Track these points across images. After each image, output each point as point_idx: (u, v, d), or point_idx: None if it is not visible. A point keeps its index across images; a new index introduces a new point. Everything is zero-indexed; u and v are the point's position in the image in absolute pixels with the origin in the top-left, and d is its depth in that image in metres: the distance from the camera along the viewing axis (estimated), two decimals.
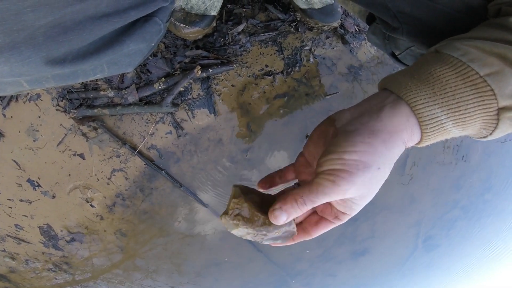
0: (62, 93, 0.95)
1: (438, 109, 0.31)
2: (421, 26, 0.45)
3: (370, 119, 0.33)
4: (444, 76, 0.32)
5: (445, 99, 0.31)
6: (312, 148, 0.40)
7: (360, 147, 0.32)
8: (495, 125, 0.32)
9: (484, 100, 0.31)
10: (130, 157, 1.05)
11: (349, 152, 0.32)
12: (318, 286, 1.65)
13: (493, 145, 1.50)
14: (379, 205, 1.43)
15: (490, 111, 0.31)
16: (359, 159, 0.32)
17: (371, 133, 0.32)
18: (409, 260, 1.74)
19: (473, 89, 0.31)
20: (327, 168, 0.33)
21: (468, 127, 0.32)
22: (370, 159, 0.32)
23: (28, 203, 1.08)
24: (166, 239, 1.24)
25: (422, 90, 0.32)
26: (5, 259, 1.21)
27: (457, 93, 0.31)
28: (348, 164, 0.32)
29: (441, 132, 0.33)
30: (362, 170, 0.32)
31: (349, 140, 0.32)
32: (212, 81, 1.01)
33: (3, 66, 0.29)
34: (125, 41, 0.35)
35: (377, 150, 0.32)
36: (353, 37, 1.08)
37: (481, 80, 0.30)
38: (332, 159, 0.33)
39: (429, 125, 0.32)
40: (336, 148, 0.33)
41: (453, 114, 0.31)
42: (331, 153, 0.33)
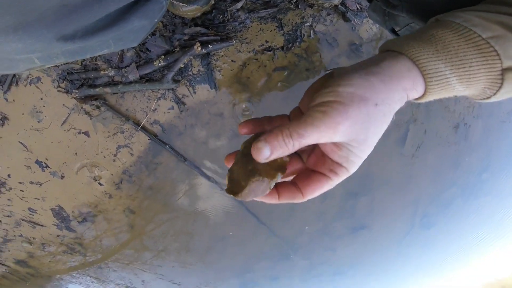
0: (62, 74, 0.96)
1: (442, 64, 0.31)
2: (420, 4, 0.44)
3: (369, 64, 0.32)
4: (446, 37, 0.32)
5: (448, 56, 0.31)
6: (307, 101, 0.39)
7: (356, 80, 0.30)
8: (499, 85, 0.32)
9: (487, 59, 0.31)
10: (134, 133, 1.06)
11: (344, 85, 0.30)
12: (318, 260, 1.70)
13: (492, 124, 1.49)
14: (378, 180, 1.45)
15: (494, 71, 0.31)
16: (355, 92, 0.30)
17: (369, 72, 0.31)
18: (406, 237, 1.77)
19: (476, 50, 0.31)
20: (319, 101, 0.31)
21: (472, 84, 0.32)
22: (367, 92, 0.30)
23: (39, 185, 1.11)
24: (172, 215, 1.27)
25: (424, 48, 0.32)
26: (23, 244, 1.26)
27: (460, 52, 0.31)
28: (342, 96, 0.30)
29: (445, 86, 0.32)
30: (357, 102, 0.30)
31: (344, 76, 0.31)
32: (212, 57, 1.01)
33: (17, 44, 0.30)
34: (130, 18, 0.36)
35: (375, 86, 0.31)
36: (354, 15, 1.07)
37: (484, 42, 0.31)
38: (325, 92, 0.31)
39: (434, 77, 0.32)
40: (330, 83, 0.31)
41: (457, 70, 0.31)
42: (325, 88, 0.31)
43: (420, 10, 0.45)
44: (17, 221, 1.18)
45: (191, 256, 1.43)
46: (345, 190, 1.42)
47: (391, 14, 0.56)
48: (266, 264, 1.59)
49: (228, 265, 1.53)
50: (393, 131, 1.32)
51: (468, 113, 1.41)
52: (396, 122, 1.31)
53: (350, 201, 1.47)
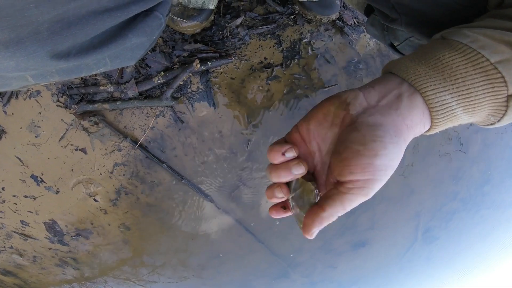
0: (62, 89, 0.96)
1: (449, 95, 0.31)
2: (420, 17, 0.44)
3: (391, 110, 0.32)
4: (454, 63, 0.31)
5: (456, 85, 0.31)
6: (313, 127, 0.36)
7: (389, 148, 0.31)
8: (504, 112, 0.32)
9: (494, 87, 0.30)
10: (132, 151, 1.06)
11: (380, 156, 0.31)
12: (319, 278, 1.66)
13: (492, 136, 1.49)
14: (379, 196, 1.44)
15: (499, 98, 0.31)
16: (388, 163, 0.31)
17: (396, 130, 0.31)
18: (408, 252, 1.74)
19: (483, 76, 0.30)
20: (359, 178, 0.31)
21: (477, 113, 0.32)
22: (395, 161, 0.32)
23: (33, 199, 1.09)
24: (169, 232, 1.25)
25: (431, 76, 0.32)
26: (13, 256, 1.23)
27: (468, 80, 0.31)
28: (379, 171, 0.31)
29: (450, 118, 0.32)
30: (387, 175, 0.32)
31: (377, 140, 0.31)
32: (211, 74, 1.01)
33: (9, 61, 0.29)
34: (127, 35, 0.35)
35: (401, 150, 0.32)
36: (352, 29, 1.08)
37: (492, 67, 0.30)
38: (364, 165, 0.31)
39: (440, 112, 0.32)
40: (365, 150, 0.31)
41: (463, 100, 0.31)
42: (362, 157, 0.31)
43: (419, 23, 0.45)
44: (8, 233, 1.16)
45: (188, 273, 1.40)
46: None
47: (390, 28, 0.56)
48: (264, 281, 1.56)
49: (225, 282, 1.49)
50: None
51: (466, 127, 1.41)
52: None
53: (350, 217, 1.45)
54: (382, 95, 0.33)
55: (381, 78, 0.35)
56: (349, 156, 0.32)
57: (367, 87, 0.34)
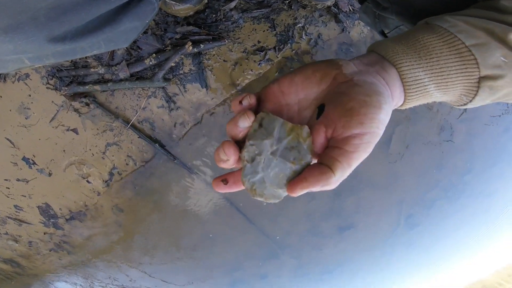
0: (52, 71, 0.94)
1: (422, 72, 0.33)
2: (410, 7, 0.46)
3: (378, 76, 0.33)
4: (431, 43, 0.33)
5: (430, 63, 0.33)
6: (299, 79, 0.34)
7: (388, 103, 0.32)
8: (475, 92, 0.34)
9: (467, 67, 0.32)
10: (124, 131, 1.06)
11: (383, 110, 0.31)
12: (306, 259, 1.72)
13: (477, 127, 1.53)
14: (364, 181, 1.48)
15: (471, 79, 0.33)
16: (385, 120, 0.32)
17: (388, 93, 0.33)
18: (391, 236, 1.80)
19: (457, 57, 0.32)
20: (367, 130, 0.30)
21: (449, 91, 0.34)
22: (387, 119, 0.33)
23: (25, 182, 1.09)
24: (161, 213, 1.27)
25: (408, 54, 0.33)
26: (9, 242, 1.23)
27: (442, 59, 0.33)
28: (382, 124, 0.31)
29: (423, 94, 0.34)
30: (382, 131, 0.32)
31: (380, 93, 0.31)
32: (203, 56, 1.01)
33: (7, 45, 0.30)
34: (121, 19, 0.36)
35: (390, 110, 0.33)
36: (346, 16, 1.08)
37: (466, 50, 0.32)
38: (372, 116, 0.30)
39: (412, 86, 0.33)
40: (372, 101, 0.31)
41: (436, 77, 0.33)
42: (369, 107, 0.31)
43: (409, 13, 0.47)
44: (2, 219, 1.16)
45: (180, 254, 1.43)
46: (332, 190, 1.42)
47: (381, 16, 0.57)
48: (254, 263, 1.61)
49: (217, 263, 1.54)
50: None
51: (452, 116, 1.44)
52: None
53: (337, 201, 1.49)
54: (369, 64, 0.35)
55: (365, 54, 0.37)
56: (357, 105, 0.31)
57: (355, 59, 0.36)
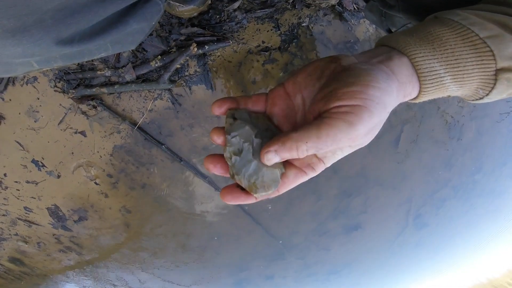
0: (59, 74, 0.95)
1: (437, 63, 0.32)
2: (417, 4, 0.45)
3: (381, 65, 0.32)
4: (444, 35, 0.32)
5: (444, 55, 0.31)
6: (301, 78, 0.35)
7: (382, 83, 0.29)
8: (492, 85, 0.32)
9: (483, 60, 0.31)
10: (131, 133, 1.07)
11: (373, 87, 0.29)
12: (312, 260, 1.71)
13: (486, 124, 1.50)
14: (372, 180, 1.46)
15: (488, 71, 0.32)
16: (381, 97, 0.29)
17: (388, 76, 0.31)
18: (399, 236, 1.78)
19: (472, 49, 0.31)
20: (346, 103, 0.29)
21: (466, 84, 0.33)
22: (388, 99, 0.30)
23: (35, 184, 1.11)
24: (168, 214, 1.28)
25: (421, 45, 0.32)
26: (19, 243, 1.25)
27: (456, 51, 0.31)
28: (371, 100, 0.29)
29: (439, 86, 0.33)
30: (379, 110, 0.29)
31: (371, 74, 0.30)
32: (208, 57, 1.01)
33: (16, 48, 0.30)
34: (128, 21, 0.36)
35: (393, 92, 0.31)
36: (351, 15, 1.08)
37: (481, 41, 0.31)
38: (354, 92, 0.29)
39: (428, 77, 0.32)
40: (358, 81, 0.29)
41: (452, 69, 0.32)
42: (352, 85, 0.29)
43: (416, 10, 0.46)
44: (12, 220, 1.18)
45: (187, 255, 1.44)
46: (339, 190, 1.43)
47: (388, 14, 0.56)
48: (260, 263, 1.60)
49: (223, 264, 1.54)
50: (387, 132, 1.33)
51: (462, 114, 1.42)
52: (391, 123, 1.32)
53: (344, 201, 1.48)
54: (372, 56, 0.33)
55: (371, 49, 0.36)
56: (339, 86, 0.30)
57: (357, 54, 0.35)
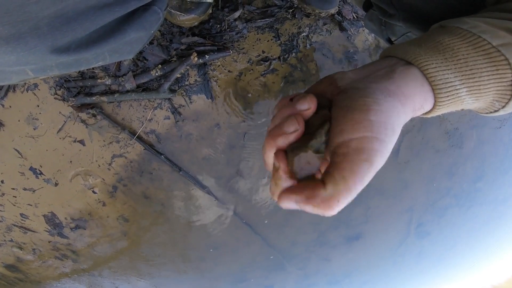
0: (60, 82, 0.96)
1: (452, 74, 0.29)
2: (417, 13, 0.44)
3: (382, 80, 0.29)
4: (455, 45, 0.30)
5: (458, 65, 0.29)
6: None
7: (383, 105, 0.27)
8: (509, 97, 0.30)
9: (498, 69, 0.29)
10: (130, 143, 1.06)
11: (375, 111, 0.26)
12: (313, 270, 1.68)
13: (487, 132, 1.50)
14: (372, 189, 1.45)
15: (504, 81, 0.29)
16: (388, 122, 0.27)
17: (388, 93, 0.28)
18: (401, 246, 1.76)
19: (486, 58, 0.29)
20: (352, 136, 0.26)
21: (482, 96, 0.30)
22: (394, 120, 0.27)
23: (32, 191, 1.10)
24: (166, 224, 1.27)
25: (432, 55, 0.30)
26: (13, 249, 1.24)
27: (470, 61, 0.29)
28: (377, 127, 0.26)
29: (455, 99, 0.30)
30: (390, 135, 0.27)
31: (369, 96, 0.27)
32: (209, 67, 1.02)
33: (10, 56, 0.30)
34: (126, 29, 0.36)
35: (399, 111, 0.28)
36: (350, 24, 1.08)
37: (495, 50, 0.29)
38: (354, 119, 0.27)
39: (443, 90, 0.29)
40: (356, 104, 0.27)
41: (467, 80, 0.29)
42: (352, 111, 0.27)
43: (417, 19, 0.45)
44: (8, 226, 1.17)
45: (185, 265, 1.42)
46: None
47: (388, 23, 0.56)
48: (260, 274, 1.58)
49: (222, 274, 1.52)
50: None
51: (462, 122, 1.42)
52: None
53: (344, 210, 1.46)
54: (373, 71, 0.31)
55: (374, 61, 0.34)
56: (338, 114, 0.28)
57: (358, 68, 0.33)
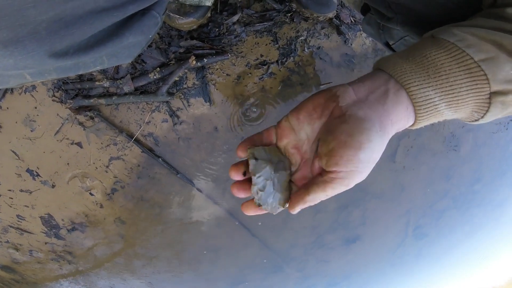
0: (58, 84, 0.96)
1: (432, 91, 0.32)
2: (415, 17, 0.45)
3: (378, 105, 0.34)
4: (439, 60, 0.32)
5: (439, 81, 0.32)
6: (303, 117, 0.38)
7: (374, 141, 0.33)
8: (486, 109, 0.33)
9: (477, 84, 0.31)
10: (127, 145, 1.06)
11: (365, 149, 0.32)
12: (312, 272, 1.68)
13: (483, 135, 1.51)
14: (370, 192, 1.46)
15: (482, 95, 0.32)
16: (371, 156, 0.33)
17: (380, 124, 0.33)
18: (399, 248, 1.77)
19: (467, 73, 0.31)
20: (343, 169, 0.33)
21: (460, 109, 0.33)
22: (378, 154, 0.34)
23: (29, 193, 1.09)
24: (164, 226, 1.26)
25: (417, 72, 0.33)
26: (9, 250, 1.23)
27: (451, 77, 0.32)
28: (362, 164, 0.33)
29: (434, 113, 0.34)
30: (369, 167, 0.34)
31: (364, 132, 0.33)
32: (207, 70, 1.02)
33: (8, 60, 0.30)
34: (124, 34, 0.36)
35: (383, 143, 0.34)
36: (348, 28, 1.09)
37: (475, 65, 0.31)
38: (348, 157, 0.33)
39: (423, 106, 0.33)
40: (352, 141, 0.33)
41: (446, 96, 0.32)
42: (348, 148, 0.33)
43: (415, 23, 0.46)
44: (4, 228, 1.16)
45: (183, 266, 1.41)
46: (337, 203, 1.42)
47: (386, 27, 0.57)
48: (258, 276, 1.58)
49: (220, 276, 1.51)
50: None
51: (459, 125, 1.43)
52: None
53: (342, 213, 1.47)
54: (370, 90, 0.35)
55: (371, 74, 0.37)
56: (336, 146, 0.33)
57: (357, 82, 0.36)
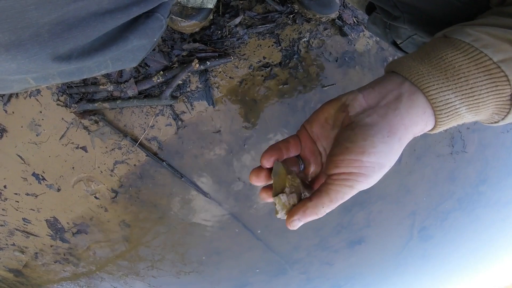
0: (62, 88, 0.96)
1: (452, 94, 0.31)
2: (422, 15, 0.44)
3: (388, 110, 0.32)
4: (457, 62, 0.31)
5: (459, 84, 0.31)
6: (317, 129, 0.38)
7: (379, 147, 0.31)
8: (507, 110, 0.32)
9: (497, 85, 0.30)
10: (132, 149, 1.07)
11: (368, 154, 0.31)
12: (316, 274, 1.67)
13: (489, 136, 1.49)
14: (375, 194, 1.45)
15: (503, 97, 0.31)
16: (377, 161, 0.32)
17: (390, 130, 0.32)
18: (404, 249, 1.76)
19: (487, 75, 0.30)
20: (343, 170, 0.32)
21: (481, 112, 0.32)
22: (386, 160, 0.32)
23: (34, 196, 1.10)
24: (168, 229, 1.26)
25: (434, 75, 0.31)
26: (15, 253, 1.24)
27: (471, 79, 0.30)
28: (366, 167, 0.32)
29: (455, 117, 0.32)
30: (377, 172, 0.32)
31: (368, 139, 0.32)
32: (210, 73, 1.02)
33: (10, 64, 0.29)
34: (129, 37, 0.35)
35: (393, 149, 0.32)
36: (351, 28, 1.09)
37: (495, 66, 0.30)
38: (349, 160, 0.32)
39: (444, 111, 0.32)
40: (354, 147, 0.32)
41: (467, 99, 0.31)
42: (349, 153, 0.32)
43: (422, 21, 0.45)
44: (10, 231, 1.17)
45: (186, 268, 1.41)
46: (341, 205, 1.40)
47: (393, 26, 0.56)
48: (262, 278, 1.57)
49: (223, 278, 1.51)
50: None
51: (464, 127, 1.41)
52: None
53: (347, 215, 1.46)
54: (381, 95, 0.33)
55: (382, 78, 0.35)
56: (337, 152, 0.33)
57: (367, 88, 0.35)
